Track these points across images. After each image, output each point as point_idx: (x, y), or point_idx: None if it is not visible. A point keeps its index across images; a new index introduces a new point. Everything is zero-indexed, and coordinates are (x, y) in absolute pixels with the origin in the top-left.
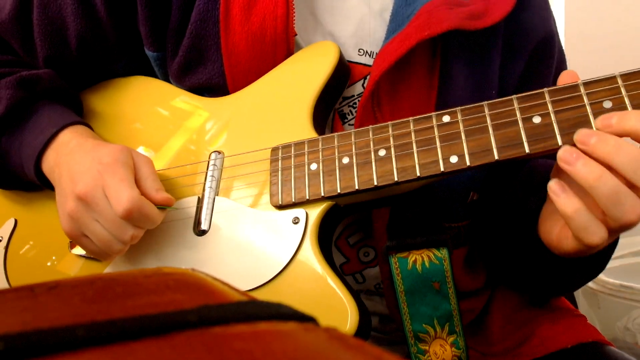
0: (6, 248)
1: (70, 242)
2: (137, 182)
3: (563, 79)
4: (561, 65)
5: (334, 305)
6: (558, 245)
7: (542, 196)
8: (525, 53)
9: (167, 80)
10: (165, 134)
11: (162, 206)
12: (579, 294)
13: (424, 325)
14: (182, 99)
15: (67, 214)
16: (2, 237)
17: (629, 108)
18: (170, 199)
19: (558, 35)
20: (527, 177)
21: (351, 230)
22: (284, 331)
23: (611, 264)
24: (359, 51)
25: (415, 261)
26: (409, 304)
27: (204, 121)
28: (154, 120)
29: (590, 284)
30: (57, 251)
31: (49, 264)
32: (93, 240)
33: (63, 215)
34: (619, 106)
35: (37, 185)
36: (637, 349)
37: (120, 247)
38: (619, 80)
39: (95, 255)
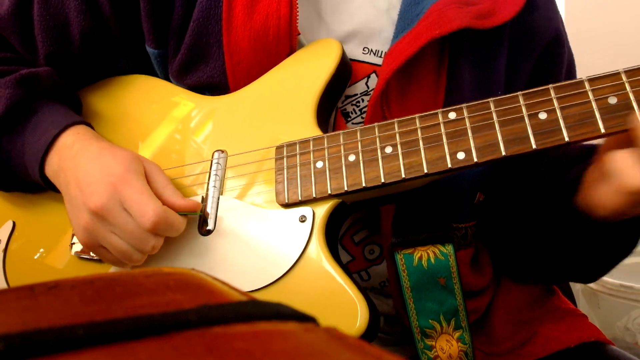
0: (5, 251)
1: (72, 243)
2: (155, 192)
3: None
4: (571, 65)
5: (344, 303)
6: (605, 204)
7: (581, 168)
8: (534, 54)
9: (166, 78)
10: (167, 133)
11: (184, 213)
12: (579, 294)
13: (430, 320)
14: (183, 98)
15: (81, 226)
16: (0, 239)
17: (634, 104)
18: (197, 204)
19: (566, 35)
20: (553, 161)
21: (356, 228)
22: (284, 331)
23: None
24: (363, 50)
25: (420, 257)
26: (415, 300)
27: (205, 120)
28: (154, 119)
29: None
30: (57, 252)
31: (49, 265)
32: (110, 251)
33: (77, 227)
34: (624, 102)
35: (40, 186)
36: (637, 348)
37: (140, 256)
38: (623, 77)
39: (112, 263)
